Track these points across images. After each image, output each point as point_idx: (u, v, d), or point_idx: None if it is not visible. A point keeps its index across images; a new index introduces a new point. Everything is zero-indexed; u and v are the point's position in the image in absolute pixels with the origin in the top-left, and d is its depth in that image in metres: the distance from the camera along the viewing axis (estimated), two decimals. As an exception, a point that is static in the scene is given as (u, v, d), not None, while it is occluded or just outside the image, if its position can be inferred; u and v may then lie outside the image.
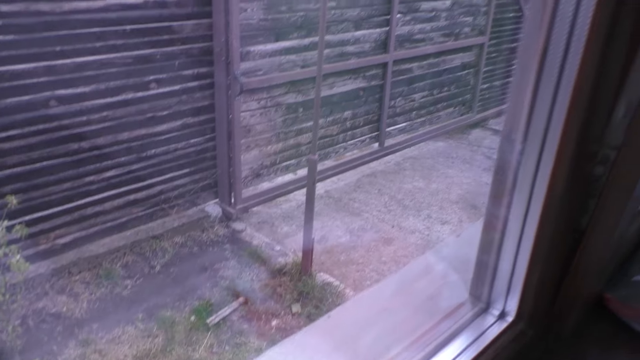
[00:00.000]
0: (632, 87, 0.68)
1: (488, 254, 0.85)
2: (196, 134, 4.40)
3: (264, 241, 4.39)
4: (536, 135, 0.72)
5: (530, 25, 0.67)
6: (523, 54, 0.68)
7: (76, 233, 3.93)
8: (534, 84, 0.68)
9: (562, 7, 0.63)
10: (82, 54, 3.60)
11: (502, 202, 0.81)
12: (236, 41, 4.14)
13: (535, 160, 0.73)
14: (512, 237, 0.81)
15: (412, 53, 5.85)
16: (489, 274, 0.84)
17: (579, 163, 0.72)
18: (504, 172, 0.80)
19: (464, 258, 1.02)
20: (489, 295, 0.84)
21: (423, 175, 5.82)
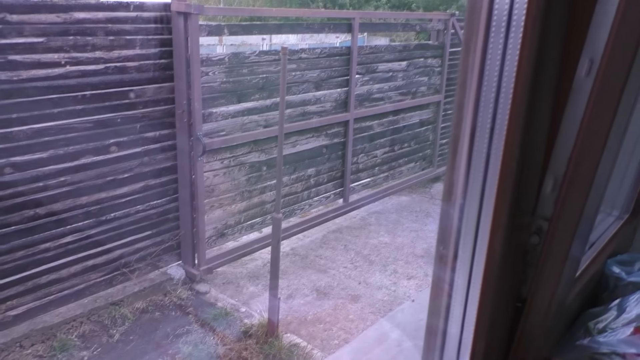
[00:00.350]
0: (557, 163, 0.73)
1: (437, 319, 0.86)
2: (158, 195, 4.36)
3: (229, 303, 4.29)
4: (473, 207, 0.76)
5: (460, 106, 0.72)
6: (455, 134, 0.73)
7: (30, 303, 3.76)
8: (467, 160, 0.72)
9: (485, 88, 0.68)
10: (40, 120, 3.57)
11: (447, 267, 0.84)
12: (198, 103, 4.20)
13: (473, 229, 0.77)
14: (458, 303, 0.83)
15: (372, 111, 6.04)
16: (439, 341, 0.85)
17: (514, 233, 0.75)
18: (447, 240, 0.83)
19: (418, 324, 1.03)
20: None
21: (388, 229, 5.87)
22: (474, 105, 0.66)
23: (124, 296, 4.13)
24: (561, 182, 0.73)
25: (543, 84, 0.66)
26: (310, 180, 5.53)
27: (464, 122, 0.69)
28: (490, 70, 0.64)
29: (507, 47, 0.63)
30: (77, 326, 3.85)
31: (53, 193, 3.73)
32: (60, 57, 3.60)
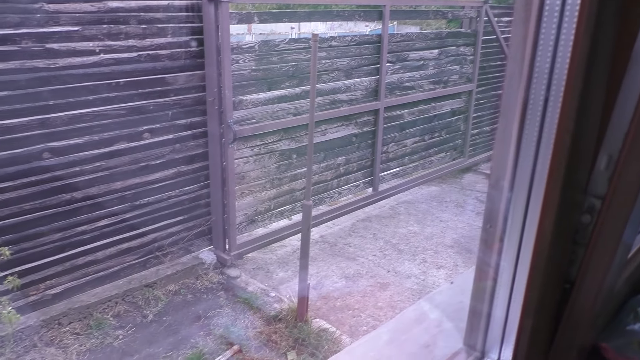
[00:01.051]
0: (612, 139, 0.71)
1: (481, 302, 0.85)
2: (190, 181, 4.42)
3: (259, 287, 4.33)
4: (522, 184, 0.74)
5: (511, 77, 0.70)
6: (505, 106, 0.71)
7: (67, 283, 3.88)
8: (517, 135, 0.70)
9: (539, 59, 0.66)
10: (75, 107, 3.65)
11: (493, 250, 0.82)
12: (229, 91, 4.22)
13: (523, 208, 0.75)
14: (504, 286, 0.82)
15: (403, 100, 5.97)
16: (482, 322, 0.84)
17: (565, 212, 0.73)
18: (494, 220, 0.81)
19: (458, 306, 1.02)
20: (483, 344, 0.84)
21: (417, 219, 5.83)
22: (527, 76, 0.64)
23: (157, 279, 4.22)
24: (616, 160, 0.70)
25: (600, 54, 0.64)
26: (339, 169, 5.52)
27: (515, 94, 0.67)
28: (546, 40, 0.62)
29: (564, 14, 0.61)
30: (113, 306, 3.96)
31: (89, 178, 3.82)
32: (94, 45, 3.67)
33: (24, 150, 3.48)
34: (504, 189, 0.75)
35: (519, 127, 0.68)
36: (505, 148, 0.72)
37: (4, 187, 3.44)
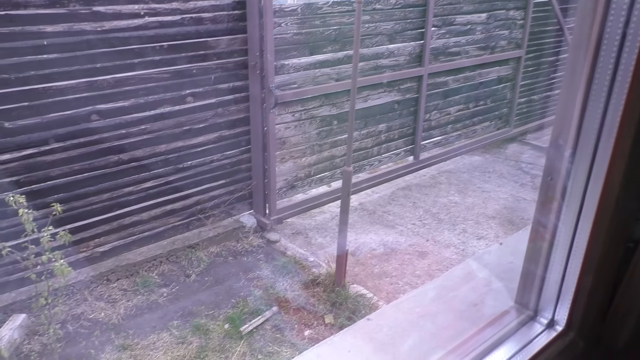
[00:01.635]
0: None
1: (536, 262, 0.82)
2: (232, 146, 4.47)
3: (297, 252, 4.39)
4: (588, 141, 0.70)
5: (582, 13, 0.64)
6: (574, 48, 0.66)
7: (115, 242, 4.03)
8: (585, 88, 0.66)
9: (611, 18, 0.61)
10: (121, 70, 3.71)
11: (551, 210, 0.79)
12: (271, 55, 4.20)
13: (587, 166, 0.71)
14: (561, 246, 0.79)
15: (448, 66, 5.80)
16: (536, 282, 0.81)
17: (634, 169, 0.69)
18: (553, 179, 0.77)
19: (507, 266, 0.99)
20: (536, 303, 0.81)
21: (459, 189, 5.73)
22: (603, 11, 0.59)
23: (200, 240, 4.33)
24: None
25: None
26: (380, 136, 5.46)
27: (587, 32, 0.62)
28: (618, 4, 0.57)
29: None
30: (157, 265, 4.10)
31: (134, 140, 3.91)
32: (139, 8, 3.70)
33: (73, 112, 3.58)
34: (568, 140, 0.71)
35: (588, 71, 0.63)
36: (570, 101, 0.68)
37: (55, 147, 3.56)
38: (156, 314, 3.65)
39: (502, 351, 0.75)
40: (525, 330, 0.79)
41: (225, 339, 3.44)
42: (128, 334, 3.44)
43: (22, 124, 3.38)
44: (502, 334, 0.77)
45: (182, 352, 3.30)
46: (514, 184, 5.89)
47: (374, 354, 0.75)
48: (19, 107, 3.35)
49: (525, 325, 0.80)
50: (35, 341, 3.34)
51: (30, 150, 3.46)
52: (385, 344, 0.76)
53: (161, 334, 3.45)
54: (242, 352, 3.34)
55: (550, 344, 0.76)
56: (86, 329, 3.47)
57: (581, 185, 0.71)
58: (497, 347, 0.75)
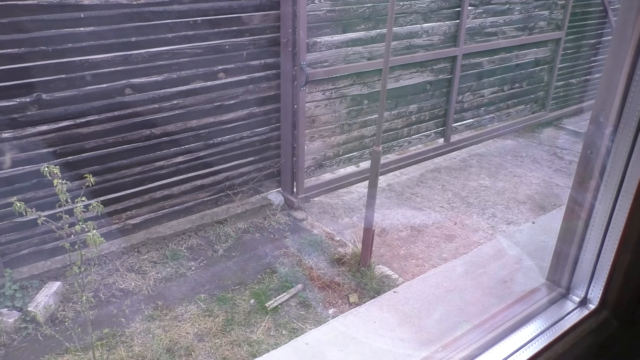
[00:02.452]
0: None
1: (570, 240, 0.80)
2: (261, 123, 4.48)
3: (324, 231, 4.40)
4: (631, 118, 0.67)
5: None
6: (619, 35, 0.63)
7: (146, 215, 4.11)
8: (630, 65, 0.63)
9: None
10: (155, 45, 3.74)
11: (588, 188, 0.76)
12: (303, 32, 4.16)
13: (629, 143, 0.68)
14: (598, 224, 0.76)
15: (483, 47, 5.66)
16: (570, 260, 0.79)
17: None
18: (591, 157, 0.75)
19: (539, 245, 0.97)
20: (569, 281, 0.79)
21: (489, 173, 5.63)
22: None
23: (228, 216, 4.38)
24: None
25: None
26: (411, 117, 5.38)
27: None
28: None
29: None
30: (186, 239, 4.17)
31: (166, 115, 3.96)
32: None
33: (108, 85, 3.64)
34: (609, 118, 0.68)
35: (634, 51, 0.60)
36: (613, 79, 0.65)
37: (90, 120, 3.63)
38: (184, 287, 3.73)
39: (531, 327, 0.73)
40: (556, 307, 0.77)
41: (251, 313, 3.50)
42: (157, 305, 3.53)
43: (59, 96, 3.46)
44: (531, 311, 0.76)
45: (209, 324, 3.37)
46: (548, 169, 5.75)
47: (399, 326, 0.74)
48: (57, 79, 3.42)
49: (557, 303, 0.78)
50: (69, 308, 3.46)
51: (66, 122, 3.54)
52: (411, 316, 0.75)
53: (189, 306, 3.53)
54: (267, 327, 3.39)
55: (582, 321, 0.74)
56: (117, 298, 3.57)
57: (622, 162, 0.68)
58: (526, 324, 0.74)
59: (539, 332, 0.72)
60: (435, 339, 0.64)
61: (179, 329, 3.32)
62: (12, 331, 3.22)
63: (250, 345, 3.24)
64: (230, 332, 3.32)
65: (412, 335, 0.64)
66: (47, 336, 3.20)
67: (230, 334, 3.30)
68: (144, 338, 3.24)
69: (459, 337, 0.69)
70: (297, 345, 0.74)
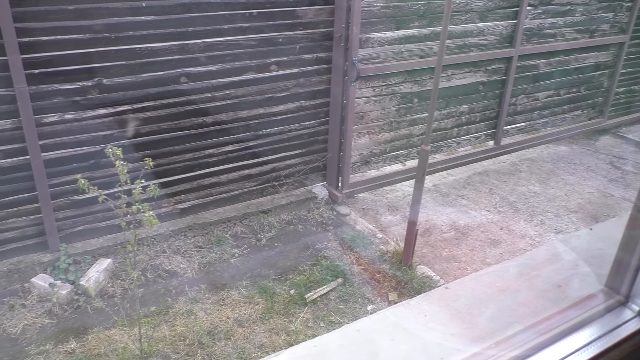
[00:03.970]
0: None
1: (632, 249, 0.78)
2: (310, 116, 4.51)
3: (367, 227, 4.40)
4: None
5: None
6: None
7: (194, 200, 4.22)
8: None
9: None
10: (211, 35, 3.83)
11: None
12: (357, 27, 4.16)
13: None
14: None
15: (540, 48, 5.49)
16: (631, 268, 0.77)
17: None
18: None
19: (597, 252, 0.95)
20: (629, 289, 0.77)
21: (540, 179, 5.47)
22: None
23: (272, 207, 4.45)
24: None
25: None
26: (461, 118, 5.29)
27: None
28: None
29: None
30: (231, 227, 4.26)
31: (219, 104, 4.05)
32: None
33: (165, 73, 3.75)
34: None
35: None
36: None
37: (146, 106, 3.76)
38: (227, 273, 3.81)
39: (586, 332, 0.72)
40: (613, 315, 0.76)
41: (290, 304, 3.54)
42: (200, 289, 3.63)
43: (118, 82, 3.60)
44: (587, 316, 0.74)
45: (249, 311, 3.44)
46: (602, 178, 5.53)
47: (450, 321, 0.74)
48: (117, 65, 3.56)
49: (614, 311, 0.76)
50: (118, 284, 3.61)
51: (124, 106, 3.68)
52: (462, 313, 0.75)
53: (230, 292, 3.61)
54: (305, 319, 3.43)
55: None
56: (163, 279, 3.70)
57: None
58: (580, 329, 0.72)
59: (594, 338, 0.70)
60: (487, 337, 0.64)
61: (220, 313, 3.41)
62: (64, 302, 3.39)
63: (288, 334, 3.29)
64: (269, 320, 3.38)
65: (462, 331, 0.65)
66: (96, 309, 3.35)
67: (269, 322, 3.36)
68: (187, 319, 3.34)
69: (511, 336, 0.69)
70: (347, 331, 0.77)
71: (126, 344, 3.11)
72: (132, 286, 3.46)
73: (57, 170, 3.58)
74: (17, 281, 3.52)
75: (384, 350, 0.70)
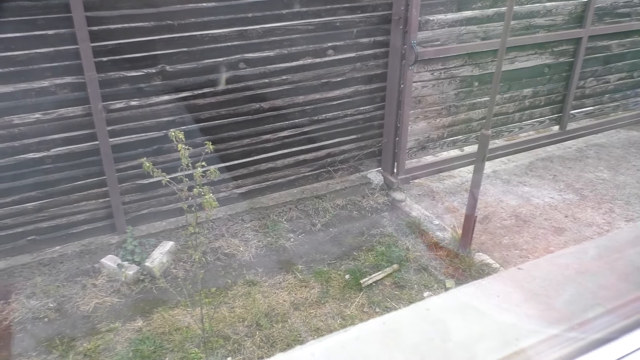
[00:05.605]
0: None
1: None
2: (366, 101, 4.47)
3: (423, 213, 4.33)
4: None
5: None
6: None
7: (251, 185, 4.30)
8: None
9: None
10: (270, 21, 3.85)
11: None
12: (416, 9, 4.06)
13: None
14: None
15: (613, 29, 5.16)
16: None
17: None
18: None
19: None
20: None
21: (609, 165, 5.18)
22: None
23: (327, 192, 4.46)
24: None
25: None
26: (524, 102, 5.08)
27: None
28: None
29: None
30: (287, 211, 4.31)
31: (276, 90, 4.08)
32: (290, -42, 3.76)
33: (224, 59, 3.81)
34: None
35: None
36: None
37: (206, 92, 3.84)
38: (283, 257, 3.87)
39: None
40: None
41: (345, 288, 3.55)
42: (257, 272, 3.70)
43: (180, 68, 3.69)
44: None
45: (305, 295, 3.48)
46: (679, 165, 5.18)
47: (525, 302, 0.71)
48: (179, 52, 3.65)
49: None
50: (180, 267, 3.74)
51: (185, 93, 3.78)
52: (538, 294, 0.72)
53: (286, 275, 3.66)
54: (360, 304, 3.43)
55: None
56: (222, 262, 3.80)
57: None
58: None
59: (686, 325, 0.66)
60: (565, 319, 0.61)
61: (276, 296, 3.46)
62: (131, 282, 3.56)
63: (344, 319, 3.30)
64: (325, 304, 3.40)
65: (539, 313, 0.61)
66: (161, 289, 3.49)
67: (325, 306, 3.39)
68: (245, 301, 3.42)
69: (592, 318, 0.65)
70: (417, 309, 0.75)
71: (189, 324, 3.22)
72: (193, 268, 3.57)
73: (123, 155, 3.74)
74: (89, 262, 3.71)
75: (455, 329, 0.68)
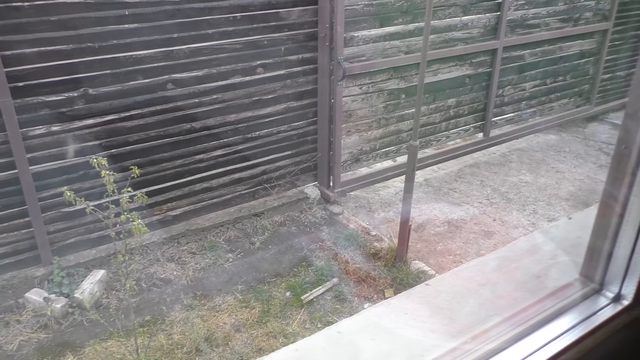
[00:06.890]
0: None
1: (603, 235, 0.79)
2: (298, 117, 4.52)
3: (360, 225, 4.41)
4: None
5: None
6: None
7: (186, 207, 4.22)
8: None
9: None
10: (196, 40, 3.83)
11: (623, 183, 0.75)
12: (341, 27, 4.17)
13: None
14: (632, 219, 0.75)
15: (525, 39, 5.52)
16: (603, 255, 0.78)
17: None
18: (627, 152, 0.74)
19: (575, 241, 0.96)
20: (602, 277, 0.78)
21: (530, 168, 5.50)
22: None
23: (265, 209, 4.45)
24: None
25: None
26: (449, 111, 5.31)
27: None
28: None
29: None
30: (224, 231, 4.26)
31: (207, 109, 4.04)
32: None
33: (151, 80, 3.75)
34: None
35: None
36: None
37: (133, 114, 3.75)
38: (222, 278, 3.81)
39: (563, 321, 0.73)
40: (589, 303, 0.77)
41: (287, 306, 3.55)
42: (196, 295, 3.62)
43: (104, 91, 3.59)
44: (563, 305, 0.75)
45: (246, 315, 3.45)
46: (592, 165, 5.57)
47: (430, 317, 0.75)
48: (102, 74, 3.55)
49: (590, 298, 0.77)
50: (112, 295, 3.60)
51: (111, 116, 3.67)
52: (442, 309, 0.76)
53: (226, 297, 3.61)
54: (302, 320, 3.44)
55: (614, 317, 0.73)
56: (158, 287, 3.69)
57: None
58: (557, 318, 0.73)
59: (571, 327, 0.72)
60: (466, 331, 0.65)
61: (216, 319, 3.41)
62: (59, 316, 3.38)
63: (286, 337, 3.29)
64: (267, 323, 3.38)
65: (442, 327, 0.65)
66: (92, 321, 3.34)
67: (267, 326, 3.37)
68: (183, 326, 3.34)
69: (488, 329, 0.70)
70: (329, 333, 0.77)
71: (123, 355, 3.10)
72: (126, 296, 3.45)
73: (46, 183, 3.57)
74: (11, 297, 3.51)
75: (365, 350, 0.71)
